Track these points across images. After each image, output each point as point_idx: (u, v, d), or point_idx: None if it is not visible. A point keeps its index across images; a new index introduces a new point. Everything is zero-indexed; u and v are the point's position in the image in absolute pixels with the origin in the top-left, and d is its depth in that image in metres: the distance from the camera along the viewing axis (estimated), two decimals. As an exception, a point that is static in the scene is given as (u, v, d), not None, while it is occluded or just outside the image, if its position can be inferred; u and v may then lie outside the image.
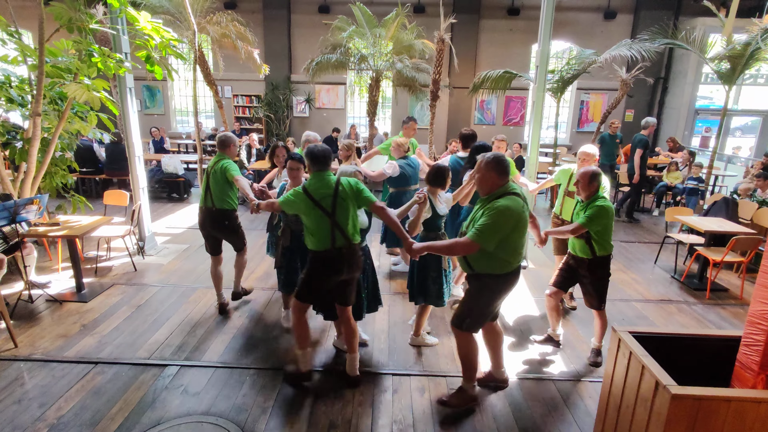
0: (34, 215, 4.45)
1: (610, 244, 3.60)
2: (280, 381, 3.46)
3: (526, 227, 2.96)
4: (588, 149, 4.33)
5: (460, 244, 2.84)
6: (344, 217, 3.09)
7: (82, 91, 4.65)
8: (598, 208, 3.46)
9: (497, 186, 2.87)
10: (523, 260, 5.60)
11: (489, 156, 2.90)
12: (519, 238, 2.89)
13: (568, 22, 12.33)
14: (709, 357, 2.74)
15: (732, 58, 7.75)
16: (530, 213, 3.18)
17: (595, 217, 3.45)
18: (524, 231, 2.94)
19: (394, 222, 3.07)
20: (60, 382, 3.36)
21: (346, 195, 3.07)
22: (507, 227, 2.77)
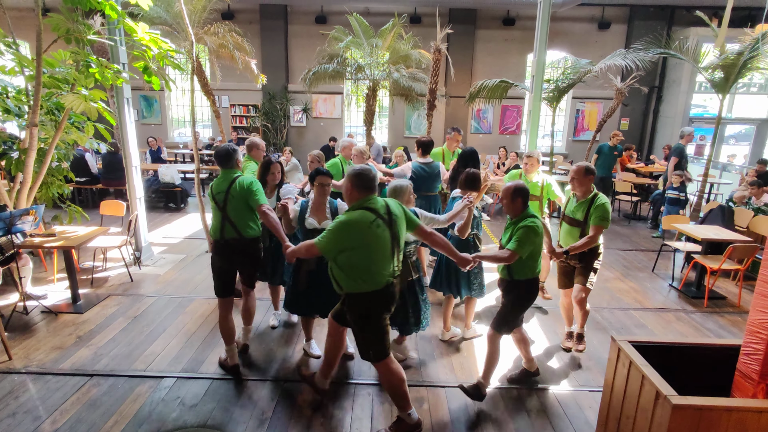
0: (30, 226, 4.43)
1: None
2: (278, 392, 3.42)
3: None
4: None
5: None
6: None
7: (80, 101, 4.64)
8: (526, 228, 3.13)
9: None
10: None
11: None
12: None
13: (563, 32, 12.46)
14: (708, 366, 2.73)
15: (725, 68, 7.82)
16: None
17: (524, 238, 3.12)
18: None
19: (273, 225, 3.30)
20: (55, 394, 3.32)
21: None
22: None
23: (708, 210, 6.67)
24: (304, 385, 3.50)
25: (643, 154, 13.20)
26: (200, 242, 6.87)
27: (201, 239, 6.92)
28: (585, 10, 12.24)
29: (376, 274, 2.71)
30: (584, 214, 3.77)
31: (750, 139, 13.06)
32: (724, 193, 9.90)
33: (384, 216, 2.70)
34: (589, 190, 3.76)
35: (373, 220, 2.64)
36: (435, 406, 3.32)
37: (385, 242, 2.70)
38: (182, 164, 11.49)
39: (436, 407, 3.30)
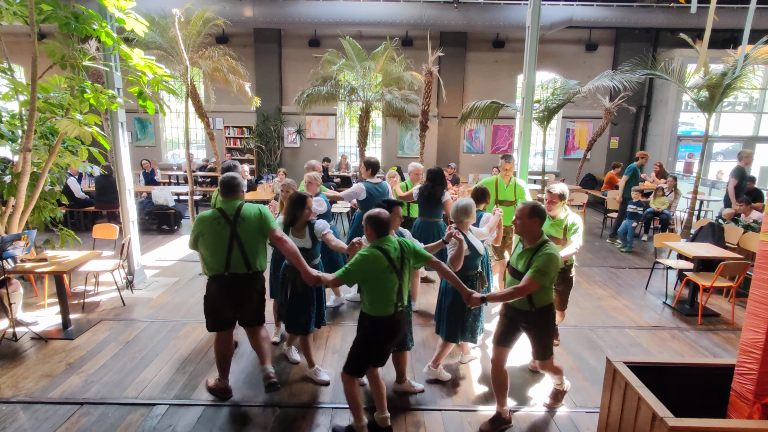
0: (21, 251, 4.39)
1: None
2: (272, 419, 3.37)
3: None
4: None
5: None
6: None
7: (74, 126, 4.65)
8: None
9: (540, 234, 3.10)
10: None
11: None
12: None
13: (552, 53, 12.73)
14: (704, 386, 2.73)
15: (710, 88, 8.02)
16: None
17: None
18: None
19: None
20: (44, 425, 3.25)
21: None
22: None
23: (699, 227, 6.75)
24: (299, 410, 3.46)
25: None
26: (193, 264, 6.82)
27: (194, 261, 6.88)
28: (573, 32, 12.53)
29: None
30: (526, 265, 3.07)
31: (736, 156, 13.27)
32: (713, 210, 10.04)
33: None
34: (537, 236, 3.09)
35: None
36: (432, 428, 3.28)
37: None
38: (176, 186, 11.48)
39: (433, 430, 3.26)
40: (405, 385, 3.74)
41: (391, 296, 2.97)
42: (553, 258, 2.95)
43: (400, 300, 3.02)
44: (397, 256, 2.96)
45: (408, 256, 3.05)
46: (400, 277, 2.99)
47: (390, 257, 2.92)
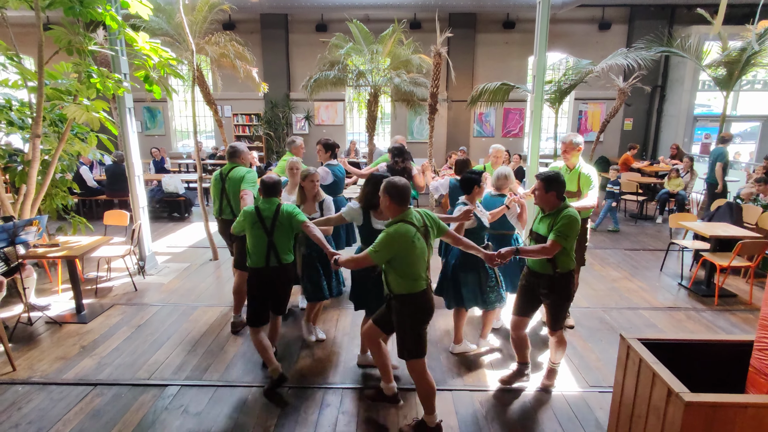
0: (33, 236, 4.43)
1: None
2: (283, 399, 3.38)
3: None
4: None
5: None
6: None
7: (82, 112, 4.66)
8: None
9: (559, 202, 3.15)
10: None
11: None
12: None
13: (564, 33, 12.44)
14: (721, 363, 2.66)
15: (728, 64, 7.78)
16: None
17: None
18: None
19: None
20: (58, 405, 3.29)
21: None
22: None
23: (716, 207, 6.59)
24: (309, 391, 3.47)
25: (647, 153, 13.11)
26: (204, 251, 6.85)
27: (205, 248, 6.91)
28: (585, 11, 12.23)
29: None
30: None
31: (756, 137, 12.94)
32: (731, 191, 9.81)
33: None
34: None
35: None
36: (442, 409, 3.25)
37: None
38: (186, 174, 11.52)
39: (443, 411, 3.24)
40: (368, 357, 3.81)
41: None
42: (573, 220, 3.04)
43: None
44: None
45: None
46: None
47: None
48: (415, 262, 2.78)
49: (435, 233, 2.97)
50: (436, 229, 2.98)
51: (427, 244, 2.86)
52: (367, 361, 3.80)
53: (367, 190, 3.35)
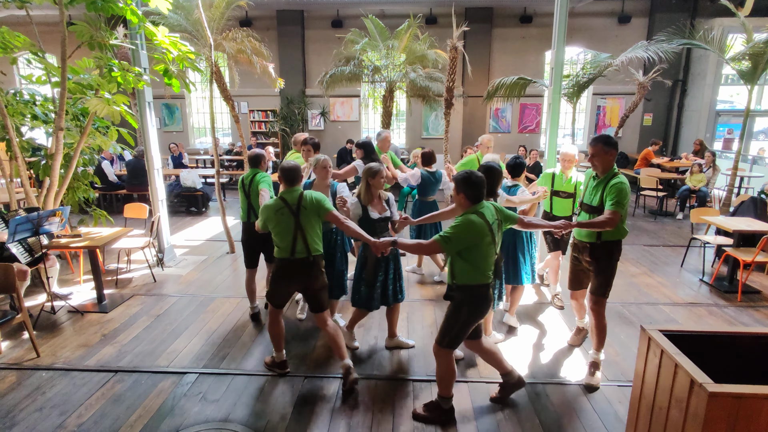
0: (56, 227, 4.53)
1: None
2: (299, 388, 3.40)
3: None
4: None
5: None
6: None
7: (103, 105, 4.75)
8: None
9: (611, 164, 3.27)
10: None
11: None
12: None
13: (582, 27, 12.25)
14: (745, 357, 2.60)
15: (753, 56, 7.57)
16: None
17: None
18: None
19: None
20: (81, 390, 3.37)
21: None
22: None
23: (739, 202, 6.44)
24: (324, 381, 3.49)
25: (668, 149, 12.86)
26: (221, 244, 6.93)
27: (222, 241, 6.99)
28: (604, 4, 12.03)
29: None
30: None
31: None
32: (755, 186, 9.57)
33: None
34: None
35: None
36: (458, 400, 3.24)
37: None
38: (203, 169, 11.66)
39: (460, 402, 3.23)
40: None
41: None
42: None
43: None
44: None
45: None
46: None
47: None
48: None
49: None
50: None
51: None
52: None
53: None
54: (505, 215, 2.97)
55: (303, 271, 3.32)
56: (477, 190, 2.78)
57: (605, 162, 3.26)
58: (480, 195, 2.80)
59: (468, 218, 2.73)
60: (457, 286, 2.88)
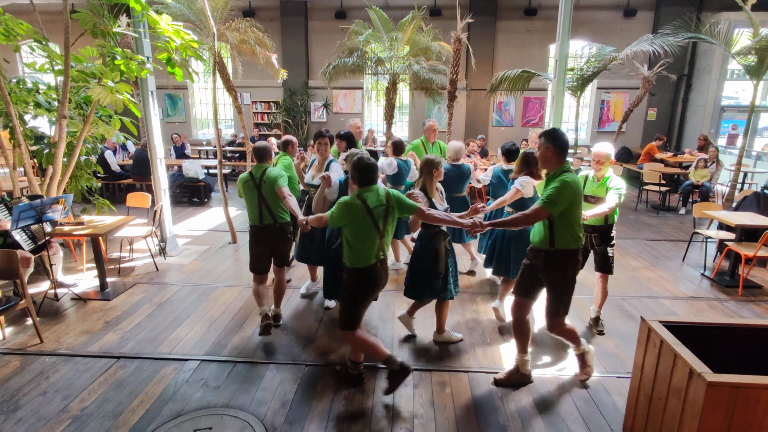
0: (59, 215, 4.55)
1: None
2: (300, 375, 3.43)
3: None
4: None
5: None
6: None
7: (106, 93, 4.75)
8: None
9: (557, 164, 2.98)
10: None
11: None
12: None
13: (587, 20, 12.18)
14: (744, 348, 2.61)
15: (760, 51, 7.50)
16: None
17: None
18: None
19: None
20: (83, 375, 3.40)
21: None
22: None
23: (742, 197, 6.42)
24: (325, 369, 3.51)
25: (671, 144, 12.81)
26: (224, 234, 6.95)
27: (224, 231, 7.00)
28: (610, -3, 11.95)
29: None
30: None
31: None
32: (758, 182, 9.54)
33: None
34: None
35: None
36: (458, 391, 3.27)
37: None
38: (206, 160, 11.67)
39: (459, 392, 3.25)
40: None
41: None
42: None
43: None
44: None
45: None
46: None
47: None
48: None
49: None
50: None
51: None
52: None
53: None
54: (396, 201, 3.04)
55: (271, 236, 3.85)
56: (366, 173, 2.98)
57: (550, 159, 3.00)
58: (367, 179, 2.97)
59: (347, 200, 2.97)
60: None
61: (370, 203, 2.93)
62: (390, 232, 3.11)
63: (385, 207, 2.98)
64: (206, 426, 2.88)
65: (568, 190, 2.82)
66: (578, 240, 2.99)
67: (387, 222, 3.03)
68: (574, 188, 2.85)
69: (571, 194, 2.83)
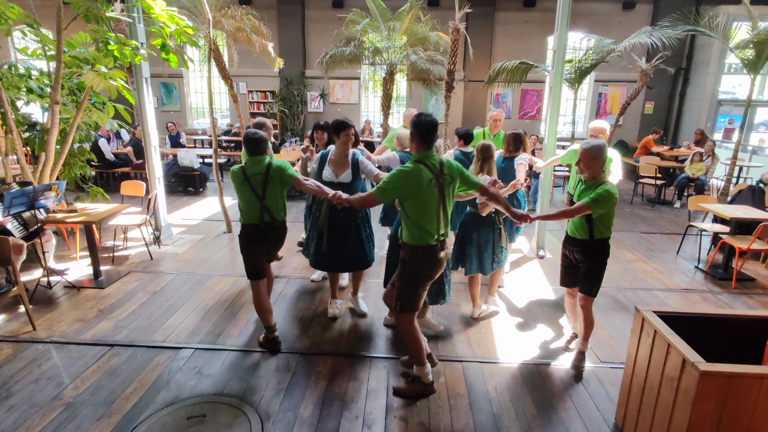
0: (52, 202, 4.50)
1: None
2: (295, 364, 3.43)
3: None
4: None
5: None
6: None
7: (99, 79, 4.69)
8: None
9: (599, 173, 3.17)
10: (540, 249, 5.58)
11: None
12: None
13: (586, 12, 12.10)
14: (737, 339, 2.63)
15: (757, 44, 7.50)
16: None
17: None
18: None
19: None
20: (76, 363, 3.38)
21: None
22: None
23: (737, 191, 6.44)
24: (320, 358, 3.51)
25: (668, 138, 12.82)
26: (219, 224, 6.92)
27: (219, 221, 6.97)
28: (609, -11, 11.88)
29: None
30: None
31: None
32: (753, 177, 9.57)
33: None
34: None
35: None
36: (452, 380, 3.28)
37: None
38: (201, 149, 11.59)
39: (453, 381, 3.26)
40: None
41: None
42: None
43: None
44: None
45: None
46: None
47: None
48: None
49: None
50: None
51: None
52: None
53: None
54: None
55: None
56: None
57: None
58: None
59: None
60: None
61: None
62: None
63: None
64: (200, 414, 2.88)
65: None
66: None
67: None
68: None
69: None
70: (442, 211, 2.76)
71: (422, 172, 2.65)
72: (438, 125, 2.80)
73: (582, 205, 3.03)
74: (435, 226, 2.75)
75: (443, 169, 2.73)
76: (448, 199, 2.80)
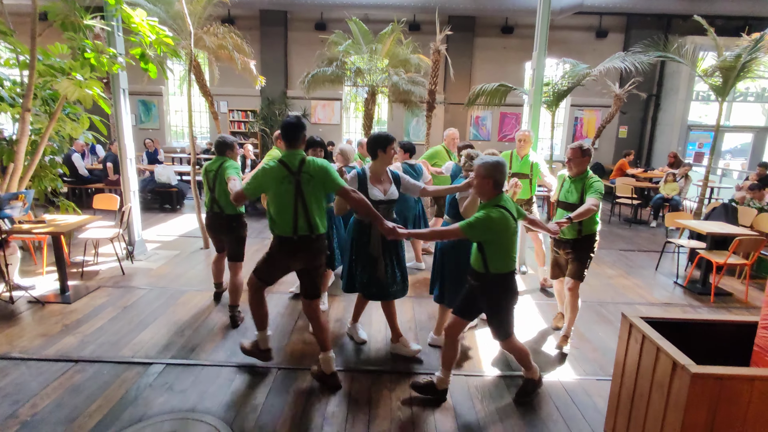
0: (18, 212, 4.30)
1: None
2: (272, 380, 3.27)
3: None
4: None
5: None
6: None
7: (74, 88, 4.56)
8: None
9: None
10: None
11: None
12: None
13: (561, 40, 12.52)
14: (723, 344, 2.60)
15: (724, 70, 7.83)
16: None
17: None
18: None
19: None
20: (36, 379, 3.16)
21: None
22: None
23: (711, 209, 6.59)
24: (299, 372, 3.36)
25: (641, 161, 13.19)
26: (195, 240, 6.72)
27: (196, 237, 6.78)
28: (582, 18, 12.33)
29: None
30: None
31: (746, 153, 13.03)
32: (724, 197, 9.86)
33: None
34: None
35: None
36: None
37: None
38: (179, 166, 11.38)
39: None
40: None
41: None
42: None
43: None
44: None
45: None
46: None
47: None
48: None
49: None
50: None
51: None
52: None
53: None
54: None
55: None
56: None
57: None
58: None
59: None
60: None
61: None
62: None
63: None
64: (170, 430, 2.69)
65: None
66: None
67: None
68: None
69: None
70: (301, 207, 2.91)
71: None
72: (303, 127, 3.05)
73: (457, 228, 2.75)
74: (292, 222, 2.92)
75: (302, 168, 2.91)
76: (308, 197, 2.92)
